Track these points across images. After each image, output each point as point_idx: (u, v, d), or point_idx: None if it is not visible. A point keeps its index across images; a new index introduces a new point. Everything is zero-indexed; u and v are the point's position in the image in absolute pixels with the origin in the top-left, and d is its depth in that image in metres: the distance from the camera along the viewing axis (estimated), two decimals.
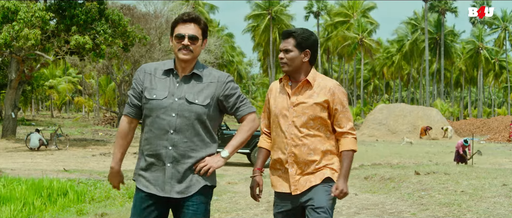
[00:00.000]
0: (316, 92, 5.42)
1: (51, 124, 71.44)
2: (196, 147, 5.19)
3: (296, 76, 5.52)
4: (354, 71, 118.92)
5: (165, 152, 5.14)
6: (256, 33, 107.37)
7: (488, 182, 14.15)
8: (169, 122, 5.14)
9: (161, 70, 5.32)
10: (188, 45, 5.16)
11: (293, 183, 5.40)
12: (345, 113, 5.44)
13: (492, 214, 10.19)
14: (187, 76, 5.27)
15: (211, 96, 5.25)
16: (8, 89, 42.00)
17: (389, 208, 11.88)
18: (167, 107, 5.15)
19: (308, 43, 5.44)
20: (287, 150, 5.43)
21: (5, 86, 60.62)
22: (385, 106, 69.33)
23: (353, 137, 5.46)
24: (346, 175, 5.33)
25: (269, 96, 5.71)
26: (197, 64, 5.36)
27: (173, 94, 5.20)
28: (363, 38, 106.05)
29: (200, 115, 5.18)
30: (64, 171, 24.57)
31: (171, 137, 5.13)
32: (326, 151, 5.42)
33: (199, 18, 5.25)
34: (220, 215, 11.97)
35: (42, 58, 39.88)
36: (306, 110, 5.38)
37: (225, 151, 5.26)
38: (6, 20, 34.81)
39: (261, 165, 5.72)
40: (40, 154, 32.97)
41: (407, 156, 35.50)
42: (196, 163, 5.15)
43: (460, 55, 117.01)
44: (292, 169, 5.43)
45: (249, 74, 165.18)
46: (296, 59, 5.43)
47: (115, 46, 38.77)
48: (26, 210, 16.20)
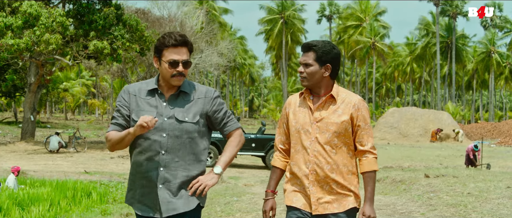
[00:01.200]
0: (340, 108, 5.17)
1: (65, 126, 72.06)
2: (188, 166, 5.12)
3: (318, 90, 5.26)
4: (366, 74, 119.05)
5: (157, 174, 5.05)
6: (269, 37, 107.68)
7: (493, 184, 14.91)
8: (160, 143, 5.04)
9: (145, 90, 5.19)
10: (183, 71, 5.06)
11: (314, 203, 5.19)
12: (368, 131, 5.22)
13: (495, 214, 10.93)
14: (174, 94, 5.16)
15: (200, 113, 5.18)
16: (27, 92, 42.48)
17: (400, 208, 12.67)
18: (157, 128, 5.04)
19: (329, 57, 5.18)
20: (309, 167, 5.19)
21: (20, 89, 61.34)
22: (396, 109, 69.53)
23: (374, 157, 5.21)
24: (371, 199, 5.15)
25: (288, 110, 5.45)
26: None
27: (161, 114, 5.08)
28: (376, 42, 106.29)
29: (191, 133, 5.12)
30: (85, 173, 25.29)
31: (162, 158, 5.05)
32: (348, 171, 5.20)
33: (188, 40, 5.12)
34: (241, 214, 12.72)
35: (60, 62, 40.52)
36: (331, 127, 5.13)
37: (218, 167, 5.16)
38: (27, 25, 35.56)
39: (274, 186, 5.53)
40: (60, 156, 33.66)
41: (418, 159, 35.91)
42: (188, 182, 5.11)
43: (472, 58, 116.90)
44: (313, 187, 5.20)
45: (261, 77, 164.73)
46: (316, 73, 5.18)
47: (132, 51, 39.35)
48: (53, 210, 16.89)
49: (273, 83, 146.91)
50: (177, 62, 5.00)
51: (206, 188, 5.06)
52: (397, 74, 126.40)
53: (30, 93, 41.69)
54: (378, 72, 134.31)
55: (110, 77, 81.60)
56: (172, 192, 5.05)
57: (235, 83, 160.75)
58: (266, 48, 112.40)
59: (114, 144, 5.10)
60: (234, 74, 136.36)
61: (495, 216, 10.75)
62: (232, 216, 12.71)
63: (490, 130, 75.87)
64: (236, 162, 33.70)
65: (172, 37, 5.02)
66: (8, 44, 34.08)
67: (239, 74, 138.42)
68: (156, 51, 5.12)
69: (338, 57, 5.24)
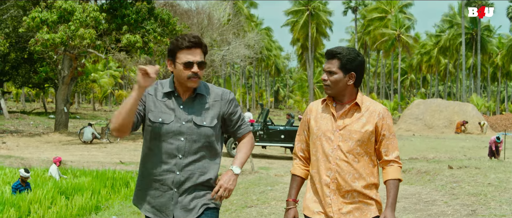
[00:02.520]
0: (364, 116, 5.09)
1: (94, 117, 72.97)
2: (205, 169, 5.07)
3: (341, 98, 5.15)
4: (391, 65, 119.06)
5: (173, 177, 4.99)
6: (295, 28, 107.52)
7: None
8: (177, 146, 4.98)
9: (161, 92, 5.10)
10: (198, 72, 4.96)
11: (336, 212, 5.04)
12: (392, 141, 5.11)
13: None
14: (190, 97, 5.10)
15: (217, 116, 5.13)
16: (60, 84, 43.36)
17: (424, 197, 13.56)
18: (175, 131, 4.98)
19: (354, 65, 5.06)
20: (331, 176, 5.06)
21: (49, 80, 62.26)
22: (421, 101, 69.52)
23: (399, 166, 5.11)
24: (393, 205, 5.01)
25: (309, 116, 5.32)
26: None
27: (179, 117, 5.02)
28: (401, 34, 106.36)
29: (208, 136, 5.06)
30: (121, 163, 26.21)
31: (179, 161, 4.98)
32: (370, 182, 5.08)
33: (202, 42, 5.04)
34: (276, 203, 13.62)
35: (93, 55, 41.36)
36: (354, 135, 5.03)
37: (237, 168, 5.11)
38: (62, 20, 36.50)
39: (295, 195, 5.36)
40: (94, 147, 34.59)
41: (443, 151, 36.41)
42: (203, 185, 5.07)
43: (497, 50, 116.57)
44: (334, 196, 5.06)
45: (286, 67, 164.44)
46: (340, 82, 5.06)
47: (163, 45, 40.08)
48: (95, 199, 17.86)
49: (298, 74, 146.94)
50: (192, 63, 4.94)
51: (230, 193, 5.03)
52: (422, 65, 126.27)
53: (63, 85, 42.52)
54: (404, 63, 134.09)
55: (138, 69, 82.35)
56: (186, 195, 5.01)
57: (261, 74, 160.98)
58: (291, 39, 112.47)
59: (118, 113, 4.82)
60: (259, 65, 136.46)
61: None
62: (267, 204, 13.60)
63: None
64: (265, 153, 34.40)
65: (185, 39, 4.99)
66: (44, 38, 34.96)
67: (265, 65, 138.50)
68: (169, 54, 5.08)
69: (363, 65, 5.14)
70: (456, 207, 11.88)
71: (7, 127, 49.84)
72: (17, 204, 15.77)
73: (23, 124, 55.08)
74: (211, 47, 53.28)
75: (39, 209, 15.89)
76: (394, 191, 5.02)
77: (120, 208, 15.99)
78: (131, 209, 15.01)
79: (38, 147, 33.99)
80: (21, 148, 32.95)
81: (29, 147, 33.22)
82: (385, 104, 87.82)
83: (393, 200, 5.00)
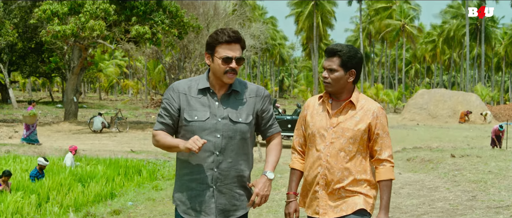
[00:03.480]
0: (358, 114, 5.09)
1: (101, 106, 73.48)
2: (240, 166, 5.04)
3: (340, 95, 5.17)
4: (396, 55, 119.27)
5: (211, 175, 4.95)
6: (299, 18, 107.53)
7: None
8: (214, 143, 4.92)
9: (196, 89, 5.06)
10: (236, 68, 4.95)
11: (323, 207, 5.08)
12: (386, 140, 5.09)
13: (511, 189, 12.43)
14: (226, 94, 5.04)
15: (252, 113, 5.08)
16: (70, 74, 43.97)
17: (428, 184, 14.24)
18: (211, 128, 4.92)
19: (354, 62, 5.08)
20: (321, 172, 5.08)
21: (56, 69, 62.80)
22: (426, 91, 69.74)
23: (391, 166, 5.09)
24: (387, 207, 5.02)
25: (306, 112, 5.35)
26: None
27: (215, 114, 4.96)
28: (405, 24, 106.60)
29: (244, 133, 5.02)
30: (132, 152, 26.80)
31: (216, 159, 4.93)
32: (360, 179, 5.07)
33: (241, 37, 5.00)
34: (286, 189, 14.26)
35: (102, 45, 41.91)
36: (347, 133, 5.03)
37: (271, 173, 5.04)
38: (72, 12, 37.12)
39: (296, 188, 5.34)
40: (104, 136, 35.21)
41: (446, 140, 36.89)
42: (240, 182, 5.05)
43: (501, 40, 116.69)
44: (322, 191, 5.08)
45: (291, 57, 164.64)
46: (340, 79, 5.07)
47: (171, 35, 40.63)
48: (109, 186, 18.50)
49: (303, 63, 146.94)
50: (231, 58, 4.92)
51: (267, 199, 5.01)
52: (426, 55, 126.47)
53: (73, 75, 43.12)
54: (408, 53, 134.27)
55: (144, 58, 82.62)
56: (224, 193, 4.99)
57: (266, 64, 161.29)
58: (296, 29, 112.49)
59: (160, 146, 5.00)
60: (264, 55, 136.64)
61: (510, 191, 12.25)
62: (278, 190, 14.30)
63: None
64: None
65: (225, 33, 4.93)
66: (55, 30, 35.60)
67: (270, 55, 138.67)
68: (208, 47, 5.02)
69: (362, 62, 5.18)
70: (457, 193, 12.58)
71: (16, 116, 50.41)
72: (37, 191, 16.40)
73: None
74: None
75: (57, 195, 16.51)
76: (387, 193, 5.04)
77: (134, 194, 16.43)
78: (146, 196, 15.52)
79: (49, 136, 34.61)
80: None
81: (41, 136, 33.74)
82: (389, 94, 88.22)
83: (386, 203, 5.01)
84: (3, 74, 61.09)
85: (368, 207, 5.04)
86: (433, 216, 10.36)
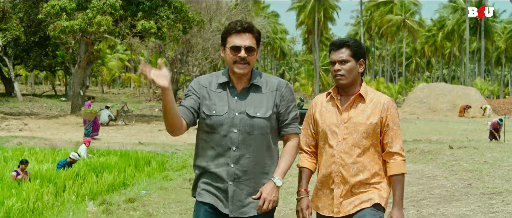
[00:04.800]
0: (369, 107, 5.00)
1: (104, 99, 73.81)
2: (260, 162, 4.90)
3: (350, 89, 5.07)
4: (396, 49, 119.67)
5: (227, 170, 4.85)
6: (301, 13, 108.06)
7: (507, 155, 17.30)
8: (231, 138, 4.83)
9: (216, 84, 4.98)
10: (245, 57, 4.82)
11: (336, 205, 4.99)
12: (396, 132, 5.00)
13: (504, 178, 13.24)
14: (245, 88, 4.94)
15: (272, 107, 4.93)
16: (76, 68, 44.52)
17: (426, 173, 15.06)
18: (229, 123, 4.83)
19: (362, 52, 5.02)
20: (335, 169, 4.98)
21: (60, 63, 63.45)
22: (426, 85, 70.35)
23: (402, 159, 4.98)
24: (400, 203, 4.93)
25: (314, 110, 5.22)
26: (253, 72, 5.02)
27: (233, 109, 4.87)
28: (406, 19, 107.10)
29: (262, 128, 4.88)
30: (140, 144, 27.50)
31: (233, 154, 4.83)
32: (375, 173, 4.98)
33: (253, 27, 4.91)
34: (293, 178, 15.03)
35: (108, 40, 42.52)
36: (359, 127, 4.94)
37: (279, 180, 4.90)
38: (80, 7, 37.86)
39: (306, 185, 5.21)
40: (111, 129, 35.81)
41: (446, 133, 37.44)
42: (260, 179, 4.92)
43: (501, 34, 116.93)
44: (338, 190, 4.99)
45: (292, 51, 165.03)
46: (353, 69, 4.97)
47: (175, 30, 41.22)
48: (121, 176, 19.29)
49: (304, 56, 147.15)
50: (239, 47, 4.83)
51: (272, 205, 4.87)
52: (427, 49, 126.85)
53: (79, 69, 43.63)
54: (408, 47, 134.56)
55: (147, 52, 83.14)
56: (241, 189, 4.88)
57: (266, 57, 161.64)
58: (297, 23, 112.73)
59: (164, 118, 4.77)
60: (265, 48, 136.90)
61: (504, 179, 13.05)
62: (285, 180, 15.01)
63: None
64: None
65: (237, 24, 4.89)
66: (63, 25, 36.30)
67: (270, 48, 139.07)
68: (222, 39, 4.98)
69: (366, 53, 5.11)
70: (454, 181, 13.39)
71: (22, 110, 51.08)
72: (54, 180, 17.20)
73: (37, 107, 56.34)
74: (219, 32, 53.68)
75: (73, 185, 17.33)
76: (399, 188, 4.94)
77: (146, 184, 17.03)
78: (157, 185, 16.10)
79: (58, 128, 35.26)
80: (42, 129, 34.27)
81: (50, 129, 34.48)
82: (390, 88, 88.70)
83: (399, 198, 4.92)
84: (8, 67, 61.66)
85: (383, 201, 4.97)
86: (431, 201, 11.18)
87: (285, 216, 10.92)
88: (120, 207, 12.63)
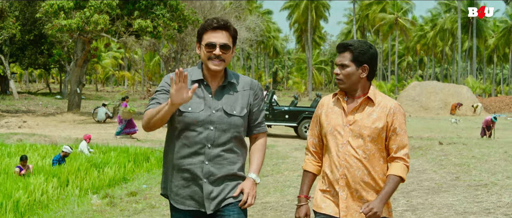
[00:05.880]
0: (376, 111, 4.90)
1: (99, 97, 74.16)
2: (233, 159, 4.93)
3: (353, 93, 4.98)
4: (389, 47, 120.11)
5: (201, 168, 4.82)
6: (294, 12, 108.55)
7: (494, 150, 18.02)
8: (207, 135, 4.81)
9: (190, 80, 4.91)
10: (220, 54, 4.81)
11: (342, 209, 4.89)
12: (403, 137, 4.91)
13: (490, 171, 13.94)
14: (221, 86, 4.95)
15: (246, 106, 4.99)
16: (73, 66, 44.98)
17: (417, 167, 15.76)
18: (205, 120, 4.81)
19: (366, 57, 4.87)
20: (340, 171, 4.89)
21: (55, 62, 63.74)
22: (418, 83, 70.67)
23: (405, 164, 4.90)
24: (384, 198, 4.78)
25: (320, 111, 5.15)
26: (227, 71, 5.02)
27: (209, 106, 4.85)
28: (399, 17, 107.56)
29: (238, 126, 4.92)
30: (137, 140, 28.01)
31: (208, 151, 4.81)
32: (380, 178, 4.91)
33: (229, 25, 4.90)
34: (289, 172, 15.75)
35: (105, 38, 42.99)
36: (364, 131, 4.85)
37: (257, 177, 5.01)
38: (78, 6, 38.38)
39: (307, 191, 5.18)
40: (108, 126, 36.22)
41: (437, 131, 38.15)
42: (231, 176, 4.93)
43: (493, 33, 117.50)
44: (343, 192, 4.89)
45: (285, 49, 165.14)
46: (352, 75, 4.89)
47: (171, 29, 41.51)
48: (122, 171, 19.84)
49: (297, 55, 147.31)
50: (214, 44, 4.80)
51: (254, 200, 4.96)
52: (419, 47, 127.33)
53: (76, 67, 44.16)
54: (401, 45, 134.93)
55: (142, 50, 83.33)
56: (216, 186, 4.87)
57: (260, 55, 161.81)
58: (290, 22, 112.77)
59: (150, 116, 4.71)
60: (258, 47, 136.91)
61: (490, 173, 13.75)
62: (281, 174, 15.73)
63: (508, 103, 77.13)
64: (271, 132, 35.56)
65: (214, 21, 4.87)
66: (61, 24, 36.85)
67: (264, 47, 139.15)
68: (197, 36, 4.97)
69: (376, 57, 4.97)
70: (442, 174, 14.08)
71: (18, 107, 51.49)
72: (57, 175, 17.76)
73: (32, 104, 56.80)
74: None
75: (76, 179, 17.89)
76: (390, 185, 4.82)
77: (146, 179, 17.51)
78: (157, 180, 16.55)
79: (56, 126, 35.68)
80: (41, 126, 34.69)
81: (49, 126, 34.91)
82: (382, 86, 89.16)
83: (386, 194, 4.79)
84: (4, 65, 61.99)
85: (386, 211, 4.95)
86: (420, 192, 11.85)
87: (283, 206, 11.46)
88: (123, 200, 13.12)
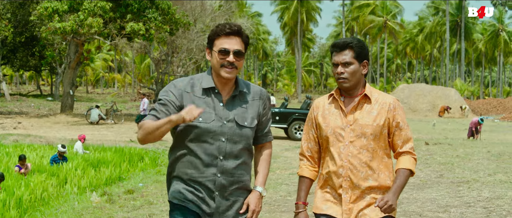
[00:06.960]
0: (375, 109, 4.78)
1: (90, 99, 74.47)
2: (244, 171, 4.77)
3: (353, 91, 4.84)
4: (378, 50, 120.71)
5: (214, 180, 4.66)
6: (284, 14, 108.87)
7: (477, 150, 18.79)
8: (218, 147, 4.63)
9: (200, 88, 4.71)
10: (233, 62, 4.62)
11: (346, 211, 4.74)
12: (406, 131, 4.81)
13: (473, 169, 14.65)
14: (232, 95, 4.75)
15: (256, 116, 4.82)
16: (66, 69, 45.53)
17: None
18: (216, 131, 4.62)
19: (365, 52, 4.79)
20: (343, 173, 4.74)
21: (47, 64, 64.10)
22: (406, 86, 71.46)
23: (413, 157, 4.81)
24: (397, 191, 4.62)
25: (316, 113, 4.98)
26: (237, 80, 4.84)
27: (220, 116, 4.66)
28: (388, 20, 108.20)
29: (248, 138, 4.76)
30: (131, 141, 28.48)
31: (220, 163, 4.64)
32: (385, 177, 4.75)
33: (242, 31, 4.72)
34: (281, 171, 16.39)
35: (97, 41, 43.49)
36: (366, 129, 4.72)
37: (264, 190, 4.88)
38: (71, 9, 38.93)
39: (305, 197, 4.99)
40: (102, 127, 36.78)
41: (425, 132, 38.65)
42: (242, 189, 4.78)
43: (481, 36, 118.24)
44: (346, 195, 4.75)
45: (274, 52, 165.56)
46: (357, 72, 4.75)
47: (163, 31, 42.27)
48: (117, 171, 20.42)
49: (286, 57, 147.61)
50: (228, 51, 4.62)
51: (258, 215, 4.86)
52: (408, 50, 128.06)
53: (69, 69, 44.70)
54: (390, 48, 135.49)
55: (133, 53, 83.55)
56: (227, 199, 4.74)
57: (249, 58, 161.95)
58: (280, 25, 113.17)
59: (148, 131, 4.48)
60: (248, 49, 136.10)
61: (472, 171, 14.47)
62: (272, 172, 16.32)
63: (495, 106, 77.93)
64: None
65: (225, 26, 4.67)
66: (56, 27, 37.41)
67: (253, 49, 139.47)
68: (208, 42, 4.76)
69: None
70: (427, 172, 14.77)
71: (11, 109, 51.83)
72: (56, 174, 18.34)
73: (25, 106, 57.14)
74: (203, 33, 54.38)
75: (73, 178, 18.46)
76: (402, 178, 4.69)
77: (142, 177, 17.99)
78: (153, 179, 17.04)
79: (51, 127, 36.15)
80: (35, 127, 35.17)
81: (43, 127, 35.38)
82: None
83: (398, 187, 4.65)
84: None
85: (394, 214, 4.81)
86: (405, 188, 12.41)
87: (276, 201, 12.04)
88: (121, 197, 13.60)
